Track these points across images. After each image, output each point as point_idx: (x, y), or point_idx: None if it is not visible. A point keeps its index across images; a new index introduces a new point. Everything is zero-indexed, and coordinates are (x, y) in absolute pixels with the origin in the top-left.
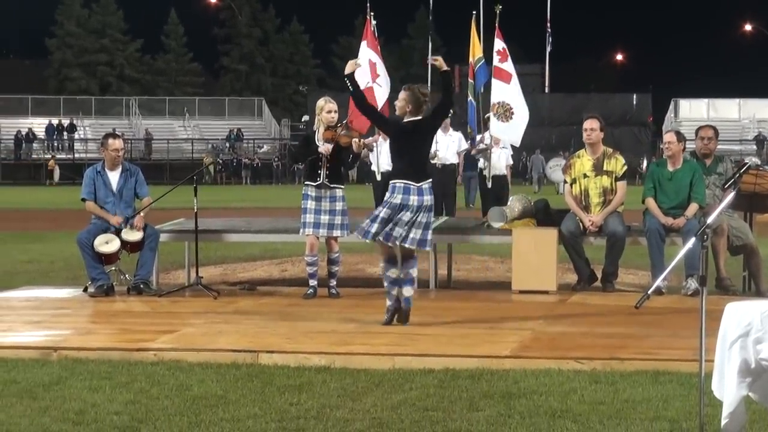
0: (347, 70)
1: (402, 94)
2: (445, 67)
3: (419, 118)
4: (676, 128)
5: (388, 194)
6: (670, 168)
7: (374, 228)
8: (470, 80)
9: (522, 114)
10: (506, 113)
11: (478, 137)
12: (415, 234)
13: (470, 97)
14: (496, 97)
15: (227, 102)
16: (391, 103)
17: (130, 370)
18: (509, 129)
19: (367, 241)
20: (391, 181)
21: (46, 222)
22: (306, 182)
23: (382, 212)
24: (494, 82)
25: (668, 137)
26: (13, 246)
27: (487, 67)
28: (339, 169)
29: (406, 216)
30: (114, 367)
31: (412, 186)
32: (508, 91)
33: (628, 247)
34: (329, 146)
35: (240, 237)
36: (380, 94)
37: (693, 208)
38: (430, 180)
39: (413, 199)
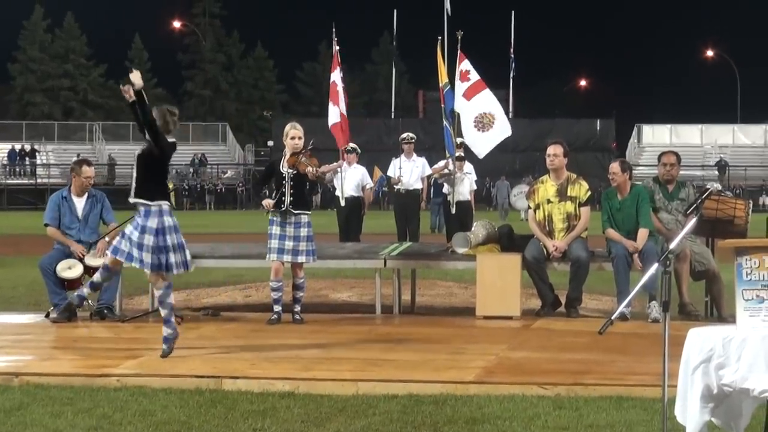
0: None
1: (156, 113)
2: (132, 98)
3: (174, 140)
4: (638, 154)
5: (144, 219)
6: (618, 197)
7: (149, 258)
8: (442, 105)
9: (501, 127)
10: (489, 123)
11: (442, 163)
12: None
13: (445, 123)
14: (480, 107)
15: (191, 127)
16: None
17: (92, 395)
18: (482, 139)
19: (147, 271)
20: (145, 203)
21: (8, 247)
22: (272, 208)
23: (150, 240)
24: (474, 98)
25: (613, 168)
26: None
27: (452, 93)
28: (303, 195)
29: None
30: (76, 393)
31: (165, 207)
32: (488, 100)
33: (592, 272)
34: (270, 202)
35: (204, 262)
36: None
37: (642, 234)
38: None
39: (168, 220)
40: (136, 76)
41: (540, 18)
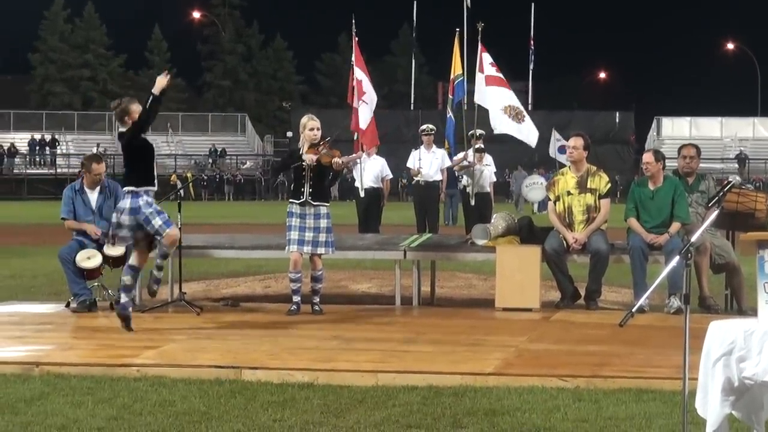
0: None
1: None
2: (155, 90)
3: (121, 130)
4: (656, 147)
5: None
6: (650, 187)
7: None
8: (450, 96)
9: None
10: (518, 115)
11: (461, 154)
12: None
13: (449, 113)
14: (504, 100)
15: (210, 118)
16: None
17: (112, 385)
18: (525, 129)
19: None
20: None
21: (29, 237)
22: (290, 200)
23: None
24: (493, 89)
25: (646, 157)
26: None
27: (464, 85)
28: (323, 186)
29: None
30: (96, 383)
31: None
32: (511, 96)
33: (612, 264)
34: (313, 157)
35: (223, 253)
36: (366, 112)
37: (676, 226)
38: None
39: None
40: (162, 82)
41: (560, 10)
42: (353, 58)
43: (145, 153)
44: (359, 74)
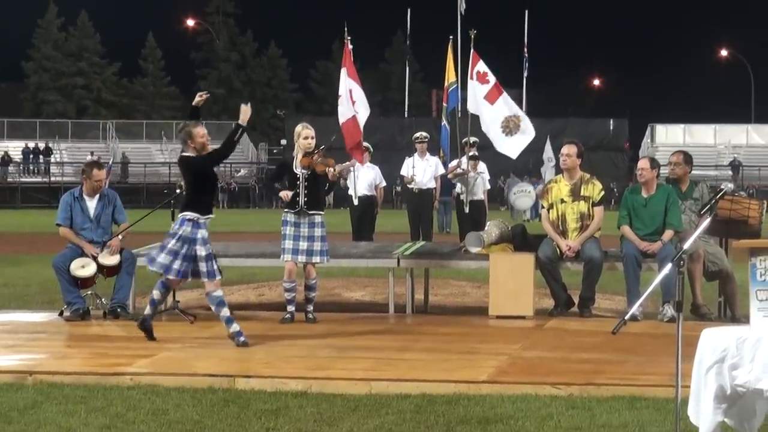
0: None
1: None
2: (242, 121)
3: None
4: (651, 154)
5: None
6: (644, 194)
7: (176, 264)
8: (444, 104)
9: (527, 128)
10: (516, 126)
11: (455, 162)
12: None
13: (444, 122)
14: (504, 111)
15: (204, 126)
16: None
17: (105, 394)
18: (511, 142)
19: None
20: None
21: (22, 245)
22: (285, 209)
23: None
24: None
25: (642, 164)
26: None
27: (459, 92)
28: (318, 195)
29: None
30: (89, 392)
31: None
32: (510, 104)
33: (605, 272)
34: (288, 193)
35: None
36: (360, 119)
37: (668, 234)
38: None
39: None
40: (246, 114)
41: (553, 17)
42: (344, 69)
43: (212, 181)
44: (350, 83)
